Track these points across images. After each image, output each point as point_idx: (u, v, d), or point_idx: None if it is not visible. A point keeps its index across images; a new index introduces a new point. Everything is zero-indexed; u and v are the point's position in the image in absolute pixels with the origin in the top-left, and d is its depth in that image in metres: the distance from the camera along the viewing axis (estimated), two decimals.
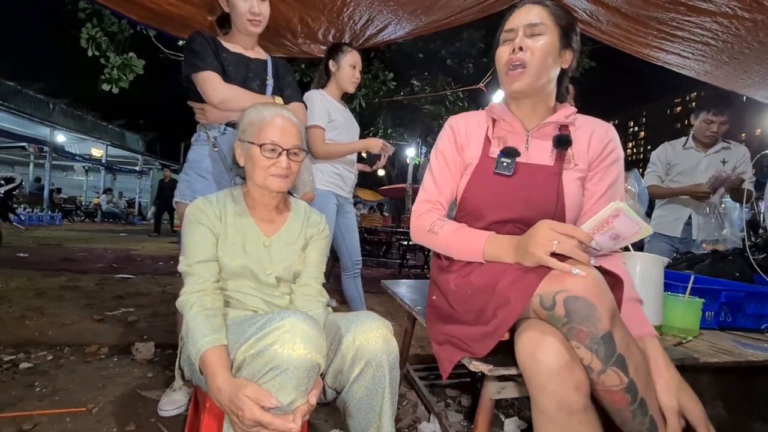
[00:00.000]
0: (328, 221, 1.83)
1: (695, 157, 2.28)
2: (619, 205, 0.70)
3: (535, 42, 0.89)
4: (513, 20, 0.94)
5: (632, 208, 0.73)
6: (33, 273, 3.49)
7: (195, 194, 1.35)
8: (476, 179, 0.99)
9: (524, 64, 0.90)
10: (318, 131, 1.82)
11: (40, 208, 11.05)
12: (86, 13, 3.39)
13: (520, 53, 0.90)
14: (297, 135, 0.98)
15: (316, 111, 1.82)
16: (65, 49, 4.89)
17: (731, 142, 2.26)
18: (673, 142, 2.40)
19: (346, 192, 2.02)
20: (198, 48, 1.33)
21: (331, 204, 1.90)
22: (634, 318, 0.83)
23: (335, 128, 1.90)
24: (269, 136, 0.94)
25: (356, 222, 2.14)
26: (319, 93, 1.90)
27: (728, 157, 2.23)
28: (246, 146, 0.97)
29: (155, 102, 20.89)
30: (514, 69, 0.91)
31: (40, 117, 11.72)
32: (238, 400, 0.71)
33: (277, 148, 0.94)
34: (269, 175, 0.95)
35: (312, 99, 1.85)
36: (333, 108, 1.91)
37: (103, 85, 3.57)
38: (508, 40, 0.94)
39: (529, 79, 0.91)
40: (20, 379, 1.54)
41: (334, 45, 1.97)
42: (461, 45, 7.09)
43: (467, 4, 2.13)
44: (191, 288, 0.88)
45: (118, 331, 2.14)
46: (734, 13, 1.65)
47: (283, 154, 0.95)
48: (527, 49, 0.89)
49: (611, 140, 0.96)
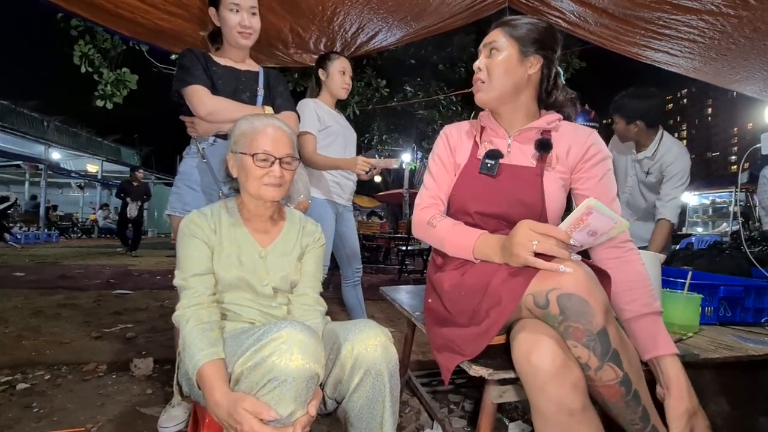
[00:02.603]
0: (326, 230, 1.82)
1: (624, 158, 2.13)
2: (591, 203, 0.71)
3: (492, 60, 1.01)
4: (483, 41, 1.05)
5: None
6: (30, 292, 3.46)
7: (185, 206, 1.36)
8: (463, 178, 1.06)
9: (483, 80, 1.02)
10: (309, 138, 1.82)
11: (36, 226, 10.97)
12: (78, 31, 3.40)
13: (478, 72, 1.03)
14: (289, 144, 0.99)
15: (307, 118, 1.83)
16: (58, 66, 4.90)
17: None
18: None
19: (345, 200, 2.01)
20: (187, 63, 1.34)
21: (329, 212, 1.90)
22: (653, 336, 0.81)
23: (331, 134, 1.90)
24: (261, 145, 0.94)
25: (356, 229, 2.13)
26: (313, 101, 1.91)
27: (651, 164, 2.03)
28: (238, 157, 0.97)
29: (150, 116, 20.89)
30: (476, 84, 1.04)
31: (34, 135, 11.69)
32: (237, 414, 0.70)
33: (269, 158, 0.94)
34: (263, 184, 0.95)
35: (305, 106, 1.85)
36: (327, 115, 1.91)
37: (97, 101, 3.57)
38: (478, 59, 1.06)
39: (486, 93, 1.02)
40: (17, 400, 1.51)
41: (321, 55, 1.98)
42: (452, 50, 7.16)
43: (456, 9, 2.15)
44: (187, 302, 0.88)
45: (116, 347, 2.11)
46: (719, 10, 1.67)
47: (275, 163, 0.95)
48: (484, 68, 1.02)
49: (593, 144, 1.00)
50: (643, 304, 0.84)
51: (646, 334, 0.81)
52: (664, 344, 0.80)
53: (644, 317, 0.83)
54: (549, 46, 1.01)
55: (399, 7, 2.03)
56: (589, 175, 0.99)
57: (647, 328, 0.82)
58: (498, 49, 0.99)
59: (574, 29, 2.20)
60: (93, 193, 16.16)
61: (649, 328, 0.82)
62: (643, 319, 0.83)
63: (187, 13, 1.87)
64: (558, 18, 2.12)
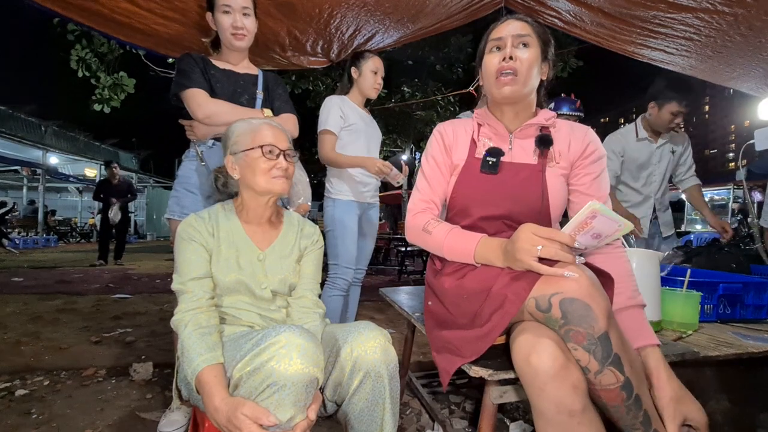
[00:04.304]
0: (348, 232, 1.82)
1: (648, 148, 2.19)
2: (595, 206, 0.70)
3: (524, 52, 0.94)
4: (500, 30, 0.98)
5: None
6: (28, 297, 3.45)
7: (183, 209, 1.36)
8: (464, 179, 1.03)
9: (515, 72, 0.94)
10: (329, 137, 1.80)
11: (34, 231, 10.95)
12: (75, 35, 3.40)
13: (511, 62, 0.94)
14: (287, 140, 1.01)
15: (330, 116, 1.82)
16: (55, 70, 4.90)
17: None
18: (623, 132, 2.25)
19: (369, 197, 1.97)
20: (185, 67, 1.35)
21: (352, 214, 1.88)
22: (636, 327, 0.83)
23: (354, 132, 1.89)
24: (264, 139, 0.96)
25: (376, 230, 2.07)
26: (339, 98, 1.89)
27: (675, 146, 2.21)
28: (240, 156, 0.97)
29: (148, 120, 20.89)
30: (505, 76, 0.95)
31: (32, 140, 11.65)
32: (236, 419, 0.69)
33: (274, 149, 0.96)
34: (272, 177, 0.96)
35: (329, 104, 1.85)
36: (352, 112, 1.90)
37: (94, 105, 3.56)
38: (496, 48, 0.97)
39: (518, 87, 0.95)
40: (16, 406, 1.51)
41: (356, 53, 1.99)
42: (449, 50, 7.18)
43: (453, 10, 2.15)
44: (185, 306, 0.87)
45: (115, 352, 2.11)
46: (715, 8, 1.67)
47: (281, 155, 0.97)
48: (517, 59, 0.94)
49: (591, 141, 1.01)
50: (628, 297, 0.87)
51: (630, 326, 0.83)
52: (646, 335, 0.83)
53: (629, 309, 0.85)
54: (552, 56, 1.02)
55: (396, 8, 2.03)
56: (586, 171, 1.00)
57: (631, 320, 0.84)
58: (528, 45, 0.95)
59: (571, 28, 2.20)
60: (91, 197, 16.14)
61: (633, 319, 0.84)
62: (628, 311, 0.85)
63: (185, 18, 1.87)
64: (554, 17, 2.12)
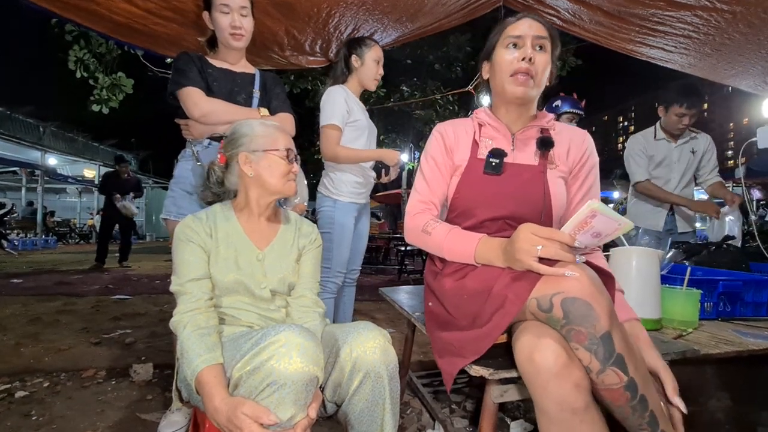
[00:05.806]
0: (345, 233, 1.80)
1: (666, 147, 2.26)
2: (595, 206, 0.70)
3: (540, 56, 0.95)
4: (520, 27, 0.96)
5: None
6: (28, 299, 3.44)
7: (180, 210, 1.35)
8: (466, 180, 1.02)
9: (532, 75, 0.94)
10: (334, 132, 1.66)
11: (33, 232, 10.93)
12: (73, 36, 3.39)
13: (530, 64, 0.94)
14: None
15: (337, 109, 1.67)
16: (53, 71, 4.88)
17: (695, 130, 2.26)
18: (645, 134, 2.34)
19: (365, 197, 1.91)
20: (182, 66, 1.34)
21: (351, 215, 1.81)
22: (618, 305, 0.85)
23: (358, 128, 1.76)
24: (283, 143, 1.00)
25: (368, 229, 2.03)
26: (343, 89, 1.72)
27: (696, 147, 2.24)
28: (260, 155, 0.98)
29: (146, 120, 20.81)
30: (524, 76, 0.94)
31: (30, 141, 11.63)
32: (236, 419, 0.69)
33: (291, 154, 1.01)
34: (288, 180, 1.00)
35: (335, 95, 1.69)
36: (356, 106, 1.76)
37: (92, 105, 3.55)
38: (513, 45, 0.96)
39: (534, 89, 0.96)
40: (16, 408, 1.50)
41: (355, 39, 1.82)
42: (448, 49, 7.18)
43: (451, 9, 2.15)
44: (184, 307, 0.87)
45: (115, 353, 2.10)
46: (713, 6, 1.67)
47: (294, 160, 1.02)
48: (535, 62, 0.94)
49: (588, 147, 1.03)
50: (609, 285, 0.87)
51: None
52: (625, 311, 0.86)
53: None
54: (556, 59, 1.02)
55: (394, 7, 2.02)
56: (582, 176, 1.02)
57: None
58: (544, 48, 0.95)
59: (569, 27, 2.20)
60: (90, 198, 16.11)
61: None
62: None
63: (183, 18, 1.86)
64: (553, 16, 2.12)
